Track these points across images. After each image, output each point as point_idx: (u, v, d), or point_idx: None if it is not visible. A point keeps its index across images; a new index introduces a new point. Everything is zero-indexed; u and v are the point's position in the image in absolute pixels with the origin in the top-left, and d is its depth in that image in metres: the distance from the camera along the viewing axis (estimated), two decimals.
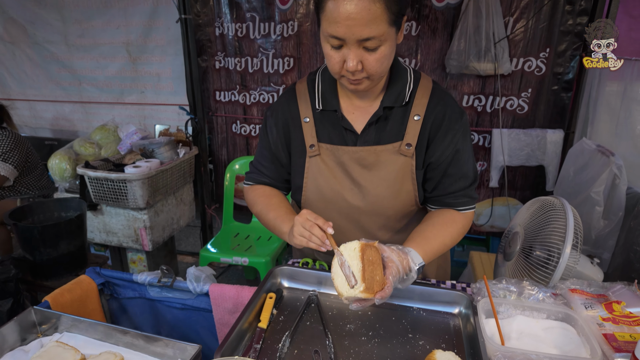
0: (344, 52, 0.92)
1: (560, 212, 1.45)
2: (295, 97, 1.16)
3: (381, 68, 0.95)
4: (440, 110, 1.08)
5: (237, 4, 2.63)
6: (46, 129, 3.65)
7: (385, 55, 0.93)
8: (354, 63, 0.91)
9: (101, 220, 2.65)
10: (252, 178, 1.27)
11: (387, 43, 0.91)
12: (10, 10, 3.25)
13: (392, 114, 1.10)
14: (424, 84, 1.10)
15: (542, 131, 2.35)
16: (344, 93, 1.12)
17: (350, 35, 0.87)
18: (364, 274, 0.89)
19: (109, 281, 1.39)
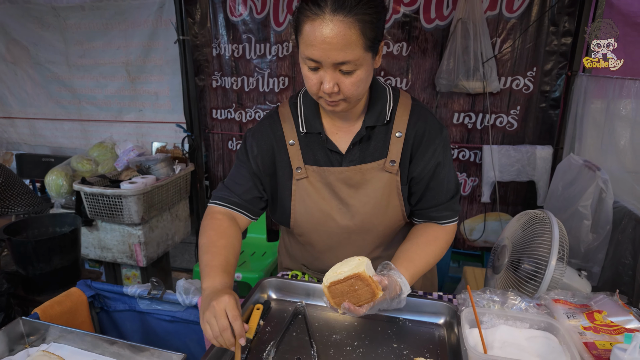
0: (321, 74, 0.94)
1: (547, 225, 1.48)
2: (279, 120, 1.16)
3: (357, 91, 0.97)
4: (421, 126, 1.10)
5: (234, 25, 2.72)
6: (45, 147, 3.70)
7: (361, 79, 0.95)
8: (330, 85, 0.93)
9: (96, 236, 2.66)
10: (220, 197, 1.18)
11: (363, 67, 0.93)
12: (13, 32, 3.34)
13: (374, 132, 1.12)
14: (403, 101, 1.13)
15: (532, 147, 2.39)
16: (326, 115, 1.14)
17: (325, 58, 0.90)
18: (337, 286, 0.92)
19: (99, 294, 1.40)
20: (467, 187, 2.66)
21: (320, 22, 0.87)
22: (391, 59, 2.54)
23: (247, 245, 2.76)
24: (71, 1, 3.10)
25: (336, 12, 0.86)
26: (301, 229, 1.21)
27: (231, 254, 1.08)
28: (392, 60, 2.54)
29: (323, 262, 1.27)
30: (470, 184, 2.65)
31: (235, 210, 1.19)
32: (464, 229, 2.73)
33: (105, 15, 3.09)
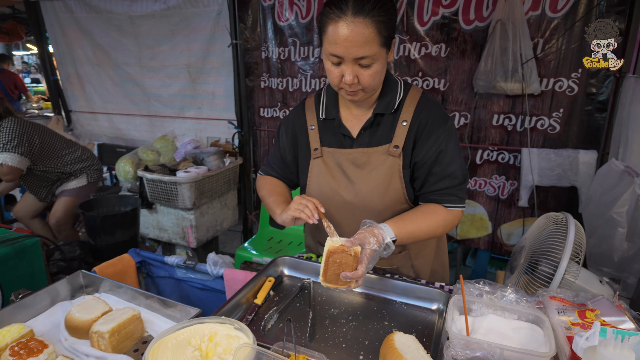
0: (342, 68, 1.08)
1: (563, 227, 1.47)
2: (303, 109, 1.37)
3: (374, 82, 1.12)
4: (425, 115, 1.21)
5: (280, 30, 2.92)
6: (120, 138, 4.20)
7: (377, 71, 1.09)
8: (350, 77, 1.08)
9: (155, 218, 3.01)
10: (264, 170, 1.50)
11: (379, 61, 1.08)
12: (98, 38, 3.85)
13: (383, 120, 1.25)
14: (412, 94, 1.25)
15: (574, 152, 2.30)
16: (344, 104, 1.30)
17: (347, 54, 1.04)
18: (326, 273, 1.06)
19: (145, 260, 1.65)
20: (505, 190, 2.61)
21: (343, 23, 1.01)
22: (429, 60, 2.58)
23: (286, 235, 2.95)
24: (144, 10, 3.50)
25: (357, 14, 1.01)
26: None
27: (286, 195, 1.40)
28: (431, 62, 2.57)
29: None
30: (508, 188, 2.60)
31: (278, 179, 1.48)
32: (500, 233, 2.68)
33: (171, 22, 3.45)
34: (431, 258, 1.42)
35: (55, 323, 1.13)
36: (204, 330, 0.99)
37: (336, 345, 1.06)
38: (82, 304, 1.13)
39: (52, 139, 2.83)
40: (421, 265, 1.40)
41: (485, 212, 2.68)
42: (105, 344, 1.01)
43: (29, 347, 0.93)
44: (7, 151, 2.56)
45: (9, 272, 1.48)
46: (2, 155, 2.56)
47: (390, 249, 1.12)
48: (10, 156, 2.57)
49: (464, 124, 2.59)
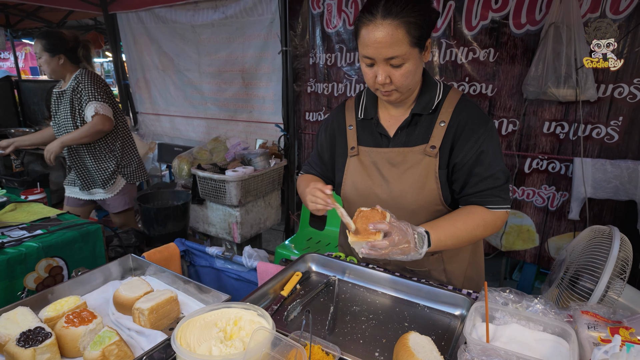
0: (375, 69, 1.13)
1: (608, 241, 1.38)
2: (344, 109, 1.42)
3: (407, 82, 1.14)
4: (464, 117, 1.21)
5: (328, 36, 3.00)
6: (179, 138, 4.52)
7: (409, 71, 1.12)
8: (382, 77, 1.12)
9: (205, 213, 3.21)
10: (304, 169, 1.56)
11: (411, 61, 1.11)
12: (163, 46, 4.19)
13: (420, 120, 1.26)
14: (452, 96, 1.25)
15: (634, 163, 2.13)
16: (382, 104, 1.33)
17: (378, 55, 1.08)
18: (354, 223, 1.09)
19: (188, 250, 1.78)
20: (555, 202, 2.47)
21: (374, 26, 1.06)
22: (477, 65, 2.52)
23: (325, 236, 3.01)
24: (205, 20, 3.76)
25: (385, 17, 1.05)
26: (349, 199, 1.40)
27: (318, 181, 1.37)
28: (478, 66, 2.51)
29: None
30: (559, 199, 2.45)
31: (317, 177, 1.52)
32: (548, 246, 2.54)
33: (229, 31, 3.68)
34: (465, 263, 1.39)
35: (106, 299, 1.28)
36: (230, 314, 1.08)
37: (354, 340, 1.09)
38: (129, 283, 1.26)
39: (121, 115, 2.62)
40: (455, 270, 1.38)
41: (532, 223, 2.56)
42: (144, 320, 1.13)
43: (82, 316, 1.06)
44: (98, 100, 2.36)
45: (75, 253, 1.67)
46: (92, 104, 2.35)
47: (424, 243, 1.08)
48: (101, 105, 2.36)
49: (512, 130, 2.50)
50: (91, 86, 2.39)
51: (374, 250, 1.04)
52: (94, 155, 2.51)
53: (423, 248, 1.09)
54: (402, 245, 1.05)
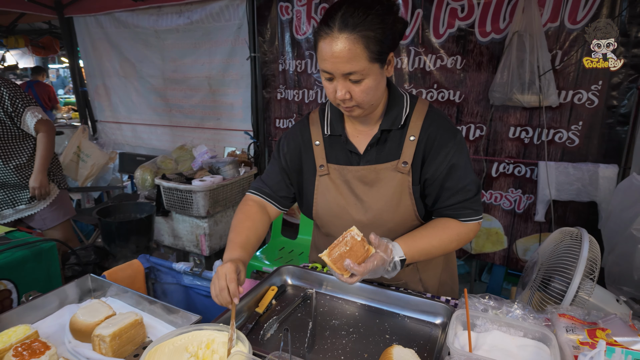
0: (335, 83, 1.07)
1: (578, 242, 1.41)
2: (308, 124, 1.32)
3: (367, 97, 1.08)
4: (433, 130, 1.18)
5: (298, 43, 2.97)
6: (142, 147, 4.33)
7: (369, 87, 1.06)
8: (342, 93, 1.06)
9: (170, 225, 3.07)
10: (255, 187, 1.38)
11: (371, 77, 1.05)
12: (125, 51, 4.02)
13: (390, 136, 1.23)
14: (419, 108, 1.22)
15: (594, 166, 2.22)
16: (348, 120, 1.26)
17: (335, 70, 1.03)
18: (333, 249, 1.05)
19: (154, 266, 1.68)
20: (521, 204, 2.54)
21: (330, 40, 1.00)
22: (445, 72, 2.56)
23: (297, 245, 2.95)
24: (169, 25, 3.64)
25: (342, 30, 0.99)
26: (322, 220, 1.34)
27: (252, 234, 1.24)
28: (446, 73, 2.56)
29: None
30: (525, 201, 2.52)
31: (266, 199, 1.36)
32: (516, 248, 2.60)
33: (194, 36, 3.57)
34: (439, 270, 1.38)
35: (62, 325, 1.16)
36: (202, 337, 1.00)
37: (335, 357, 1.04)
38: (88, 307, 1.16)
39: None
40: (429, 278, 1.37)
41: (500, 226, 2.61)
42: (106, 347, 1.03)
43: (32, 348, 0.95)
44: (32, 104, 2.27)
45: (26, 275, 1.53)
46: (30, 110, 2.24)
47: (397, 269, 1.09)
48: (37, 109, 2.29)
49: (480, 136, 2.55)
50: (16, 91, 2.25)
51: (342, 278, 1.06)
52: (16, 165, 2.31)
53: (394, 271, 1.10)
54: (374, 271, 1.06)
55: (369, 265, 1.04)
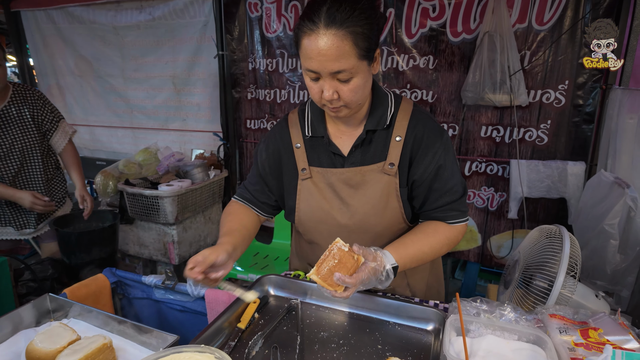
0: (321, 83, 1.00)
1: (559, 240, 1.43)
2: (287, 126, 1.25)
3: (356, 97, 1.03)
4: (420, 130, 1.14)
5: (268, 41, 2.88)
6: (102, 151, 4.07)
7: (358, 85, 1.01)
8: (329, 93, 1.00)
9: (135, 233, 2.89)
10: (239, 194, 1.36)
11: (359, 75, 1.00)
12: (80, 49, 3.76)
13: (375, 136, 1.18)
14: (404, 107, 1.18)
15: (563, 163, 2.29)
16: (331, 120, 1.20)
17: (322, 68, 0.96)
18: (320, 265, 0.99)
19: (121, 281, 1.54)
20: (494, 202, 2.58)
21: (316, 37, 0.94)
22: (417, 72, 2.56)
23: (272, 250, 2.86)
24: (129, 21, 3.43)
25: (329, 26, 0.93)
26: (305, 226, 1.28)
27: (237, 222, 1.24)
28: (419, 74, 2.56)
29: None
30: (497, 199, 2.57)
31: (249, 205, 1.33)
32: (490, 245, 2.64)
33: (157, 34, 3.39)
34: (427, 273, 1.36)
35: (17, 354, 1.03)
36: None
37: None
38: (47, 331, 1.03)
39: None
40: (417, 282, 1.34)
41: (474, 224, 2.65)
42: None
43: None
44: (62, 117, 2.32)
45: None
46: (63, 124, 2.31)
47: (390, 278, 1.05)
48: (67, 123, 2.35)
49: (452, 135, 2.57)
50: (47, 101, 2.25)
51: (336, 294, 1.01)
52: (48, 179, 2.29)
53: (388, 281, 1.05)
54: (367, 281, 1.01)
55: (361, 275, 0.99)
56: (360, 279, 0.98)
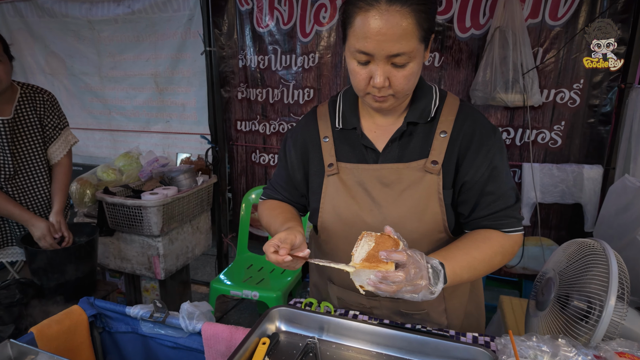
0: (371, 68, 0.89)
1: (601, 257, 1.28)
2: (315, 118, 1.14)
3: (408, 85, 0.92)
4: (469, 126, 1.00)
5: (260, 36, 2.67)
6: (76, 155, 3.76)
7: (413, 72, 0.90)
8: (381, 79, 0.88)
9: (116, 246, 2.64)
10: (267, 194, 1.26)
11: (416, 60, 0.89)
12: (52, 44, 3.46)
13: (416, 130, 1.03)
14: (450, 101, 1.04)
15: (578, 167, 2.17)
16: (365, 112, 1.08)
17: (379, 50, 0.85)
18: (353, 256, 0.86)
19: (101, 313, 1.32)
20: None
21: (375, 13, 0.83)
22: (422, 70, 2.39)
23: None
24: (106, 14, 3.17)
25: (392, 2, 0.82)
26: (328, 231, 1.12)
27: (288, 212, 1.14)
28: (424, 72, 2.40)
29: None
30: None
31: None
32: None
33: (136, 28, 3.14)
34: (466, 298, 1.18)
35: None
36: None
37: None
38: None
39: None
40: (455, 308, 1.16)
41: None
42: None
43: None
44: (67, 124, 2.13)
45: None
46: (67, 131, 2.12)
47: (439, 279, 0.87)
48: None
49: None
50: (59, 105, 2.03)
51: (384, 283, 0.80)
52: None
53: (438, 286, 0.87)
54: (416, 282, 0.82)
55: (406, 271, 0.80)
56: (409, 259, 0.81)
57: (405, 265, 0.82)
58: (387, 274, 0.80)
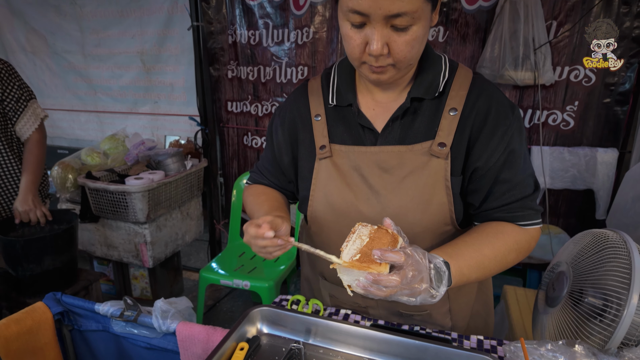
0: (367, 32, 0.75)
1: (620, 250, 1.15)
2: (306, 93, 1.00)
3: (411, 53, 0.77)
4: (484, 103, 0.86)
5: (250, 10, 2.49)
6: (62, 138, 3.63)
7: (417, 37, 0.75)
8: (378, 45, 0.73)
9: (102, 233, 2.52)
10: (253, 178, 1.15)
11: (421, 22, 0.73)
12: (32, 21, 3.27)
13: (421, 107, 0.89)
14: (462, 73, 0.89)
15: (592, 150, 2.02)
16: (363, 87, 0.94)
17: (376, 9, 0.70)
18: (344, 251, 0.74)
19: (70, 310, 1.20)
20: None
21: None
22: None
23: None
24: None
25: None
26: (319, 222, 0.99)
27: (275, 200, 1.03)
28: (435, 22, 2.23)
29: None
30: None
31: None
32: None
33: (120, 3, 2.95)
34: (472, 297, 1.05)
35: None
36: None
37: None
38: None
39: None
40: (460, 308, 1.03)
41: None
42: None
43: None
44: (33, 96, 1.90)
45: None
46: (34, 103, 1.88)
47: (442, 282, 0.75)
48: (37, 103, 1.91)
49: None
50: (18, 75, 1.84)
51: (375, 287, 0.69)
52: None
53: (440, 289, 0.74)
54: (414, 285, 0.70)
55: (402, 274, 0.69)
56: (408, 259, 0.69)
57: (403, 266, 0.69)
58: (379, 277, 0.68)
